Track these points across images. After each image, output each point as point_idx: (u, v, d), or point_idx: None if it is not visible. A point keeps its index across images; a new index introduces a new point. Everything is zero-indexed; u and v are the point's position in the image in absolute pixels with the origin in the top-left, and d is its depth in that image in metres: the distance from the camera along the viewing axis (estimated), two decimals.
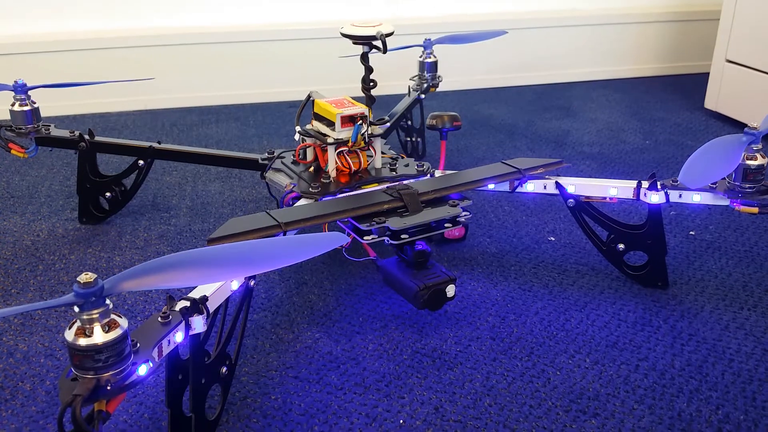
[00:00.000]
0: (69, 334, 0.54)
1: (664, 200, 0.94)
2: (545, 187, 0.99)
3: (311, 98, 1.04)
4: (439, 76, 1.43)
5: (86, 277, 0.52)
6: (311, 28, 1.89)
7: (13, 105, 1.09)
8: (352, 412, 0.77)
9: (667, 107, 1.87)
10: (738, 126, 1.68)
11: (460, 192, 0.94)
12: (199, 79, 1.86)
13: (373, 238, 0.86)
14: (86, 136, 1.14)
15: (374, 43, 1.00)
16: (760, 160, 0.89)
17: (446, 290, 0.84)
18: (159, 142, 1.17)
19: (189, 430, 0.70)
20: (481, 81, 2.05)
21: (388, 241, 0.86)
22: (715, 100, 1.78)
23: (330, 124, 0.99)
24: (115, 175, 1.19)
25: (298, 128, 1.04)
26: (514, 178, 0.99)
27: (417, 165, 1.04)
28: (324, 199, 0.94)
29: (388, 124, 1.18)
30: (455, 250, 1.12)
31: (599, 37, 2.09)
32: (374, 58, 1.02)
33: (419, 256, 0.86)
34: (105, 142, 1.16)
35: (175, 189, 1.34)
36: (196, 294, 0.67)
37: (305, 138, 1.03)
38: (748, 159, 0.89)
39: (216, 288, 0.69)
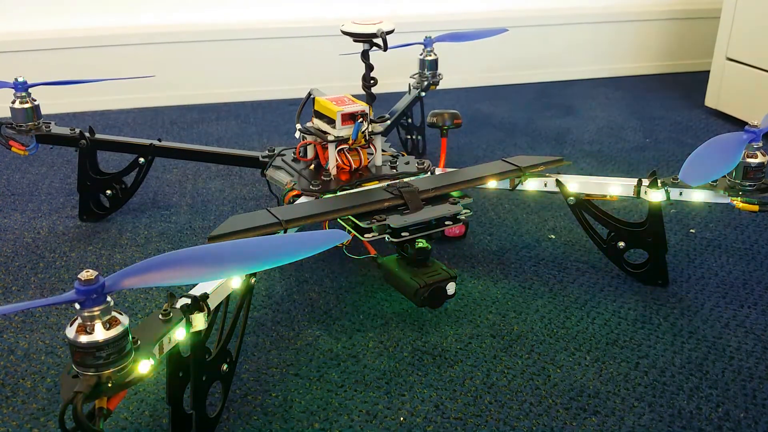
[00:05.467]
0: (70, 332, 0.54)
1: (664, 198, 0.94)
2: (546, 185, 1.00)
3: (312, 96, 1.04)
4: (439, 74, 1.43)
5: (87, 274, 0.52)
6: (312, 26, 1.89)
7: (13, 102, 1.09)
8: (353, 409, 0.77)
9: (668, 105, 1.87)
10: (738, 124, 1.68)
11: (461, 189, 0.94)
12: (200, 76, 1.86)
13: (373, 236, 0.86)
14: (87, 134, 1.14)
15: (375, 40, 1.00)
16: (760, 158, 0.89)
17: (447, 288, 0.84)
18: (159, 140, 1.17)
19: (190, 427, 0.70)
20: (482, 79, 2.05)
21: (388, 238, 0.86)
22: (715, 98, 1.78)
23: (330, 121, 0.99)
24: (115, 172, 1.19)
25: (298, 126, 1.04)
26: (514, 176, 0.99)
27: (417, 163, 1.04)
28: (324, 196, 0.94)
29: (389, 122, 1.18)
30: (456, 247, 1.12)
31: (600, 34, 2.09)
32: (375, 55, 1.02)
33: (420, 254, 0.86)
34: (105, 140, 1.16)
35: (176, 186, 1.34)
36: (196, 291, 0.67)
37: (306, 136, 1.03)
38: (748, 157, 0.89)
39: (217, 285, 0.69)
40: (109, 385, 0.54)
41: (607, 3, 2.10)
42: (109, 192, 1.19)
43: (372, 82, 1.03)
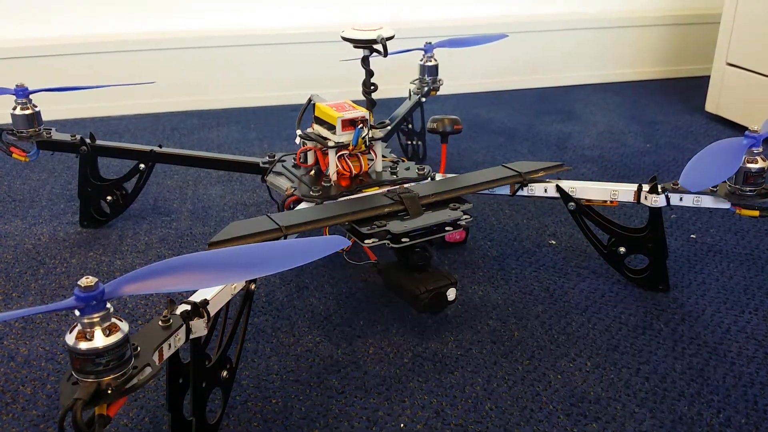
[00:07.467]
0: (70, 338, 0.54)
1: (664, 203, 0.94)
2: (546, 191, 1.00)
3: (312, 102, 1.04)
4: (439, 80, 1.43)
5: (87, 280, 0.52)
6: (312, 32, 1.89)
7: (14, 109, 1.10)
8: (353, 416, 0.77)
9: (668, 110, 1.87)
10: (739, 129, 1.68)
11: (461, 195, 0.94)
12: (200, 82, 1.87)
13: (373, 242, 0.86)
14: (87, 140, 1.14)
15: (375, 46, 1.00)
16: (760, 164, 0.89)
17: (447, 294, 0.84)
18: (160, 146, 1.17)
19: None
20: (482, 84, 2.05)
21: (389, 244, 0.86)
22: (715, 103, 1.78)
23: (331, 127, 0.99)
24: (116, 178, 1.19)
25: (298, 132, 1.04)
26: (515, 182, 0.99)
27: (418, 168, 1.04)
28: (325, 202, 0.94)
29: (389, 128, 1.18)
30: (456, 253, 1.12)
31: (600, 40, 2.09)
32: (375, 61, 1.02)
33: (420, 260, 0.86)
34: (106, 146, 1.17)
35: (176, 193, 1.34)
36: (196, 298, 0.67)
37: (306, 141, 1.03)
38: (748, 162, 0.89)
39: (217, 292, 0.69)
40: (109, 391, 0.54)
41: (607, 8, 2.11)
42: (109, 198, 1.19)
43: (372, 87, 1.03)
